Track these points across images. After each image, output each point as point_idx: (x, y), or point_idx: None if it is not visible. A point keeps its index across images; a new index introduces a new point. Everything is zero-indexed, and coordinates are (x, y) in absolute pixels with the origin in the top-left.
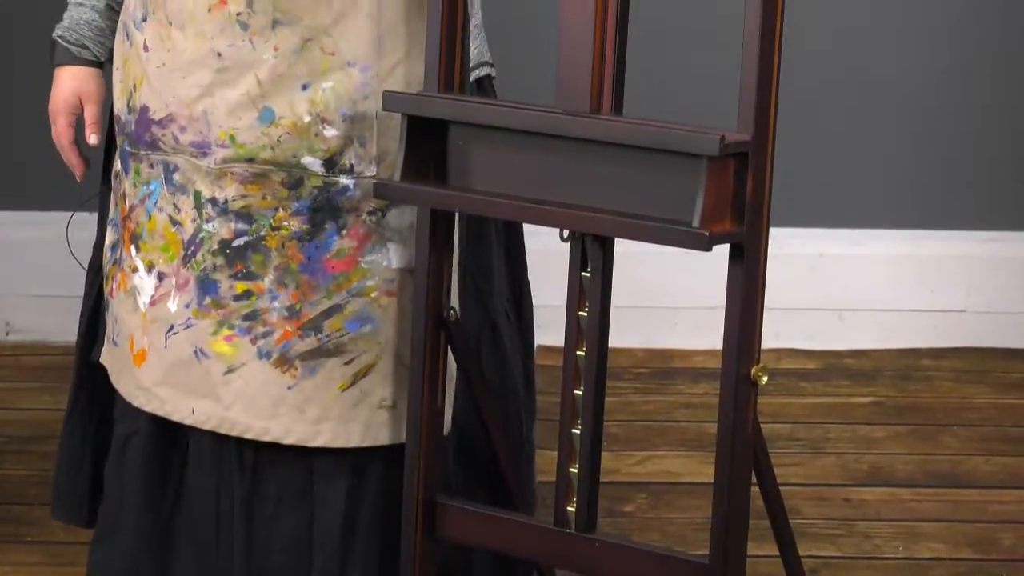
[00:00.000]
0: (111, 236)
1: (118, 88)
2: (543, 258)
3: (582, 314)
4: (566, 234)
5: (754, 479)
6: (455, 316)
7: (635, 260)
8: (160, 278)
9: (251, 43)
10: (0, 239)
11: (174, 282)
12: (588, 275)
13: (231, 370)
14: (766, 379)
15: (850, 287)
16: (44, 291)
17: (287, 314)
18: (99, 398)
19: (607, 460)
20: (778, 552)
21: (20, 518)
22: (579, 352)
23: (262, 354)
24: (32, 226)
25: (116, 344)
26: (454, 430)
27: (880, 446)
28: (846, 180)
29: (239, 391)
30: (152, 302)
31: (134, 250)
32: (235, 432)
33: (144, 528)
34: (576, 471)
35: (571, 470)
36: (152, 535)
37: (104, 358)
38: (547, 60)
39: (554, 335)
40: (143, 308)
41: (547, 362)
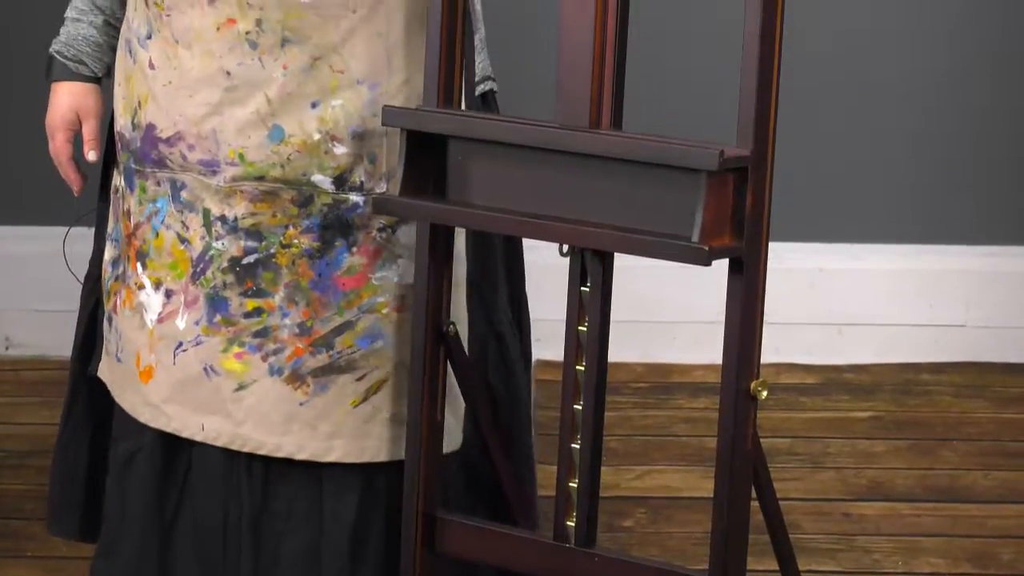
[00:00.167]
0: (111, 252)
1: (120, 104)
2: (542, 273)
3: (582, 329)
4: (565, 249)
5: (754, 494)
6: (454, 330)
7: (635, 274)
8: (168, 295)
9: (260, 62)
10: (0, 253)
11: (183, 299)
12: (588, 290)
13: (242, 387)
14: (766, 394)
15: (850, 302)
16: (43, 306)
17: (298, 331)
18: (94, 411)
19: (606, 475)
20: (778, 567)
21: (19, 533)
22: (579, 367)
23: (273, 371)
24: (31, 241)
25: (120, 360)
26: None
27: (879, 461)
28: (845, 195)
29: (250, 408)
30: (160, 319)
31: (140, 267)
32: (247, 448)
33: (147, 543)
34: (575, 486)
35: (571, 485)
36: (155, 550)
37: (103, 373)
38: (547, 74)
39: (554, 350)
40: (150, 325)
41: (546, 377)
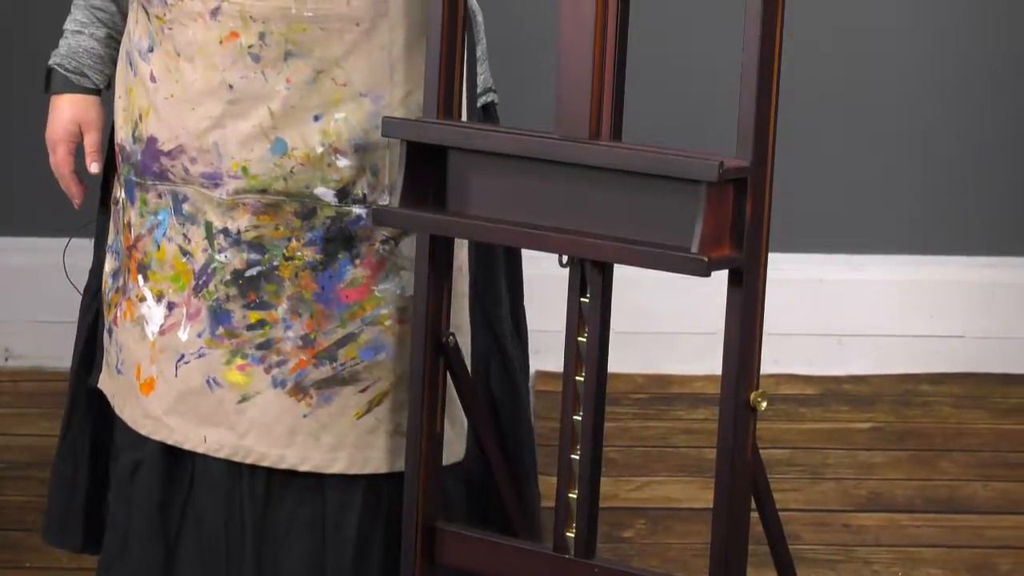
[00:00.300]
0: (111, 264)
1: (121, 116)
2: (542, 283)
3: (581, 339)
4: (565, 259)
5: (753, 504)
6: (454, 342)
7: (634, 285)
8: (170, 308)
9: (263, 75)
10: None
11: (185, 312)
12: (587, 300)
13: (245, 399)
14: (765, 404)
15: (849, 312)
16: (43, 317)
17: (301, 343)
18: (94, 423)
19: (606, 485)
20: None
21: (19, 544)
22: (578, 377)
23: (276, 383)
24: (31, 252)
25: (120, 372)
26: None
27: (879, 471)
28: (845, 206)
29: (254, 419)
30: (161, 331)
31: (142, 280)
32: (250, 460)
33: (151, 555)
34: (575, 496)
35: (570, 495)
36: (159, 562)
37: (103, 384)
38: (547, 86)
39: (553, 361)
40: (151, 337)
41: (546, 387)
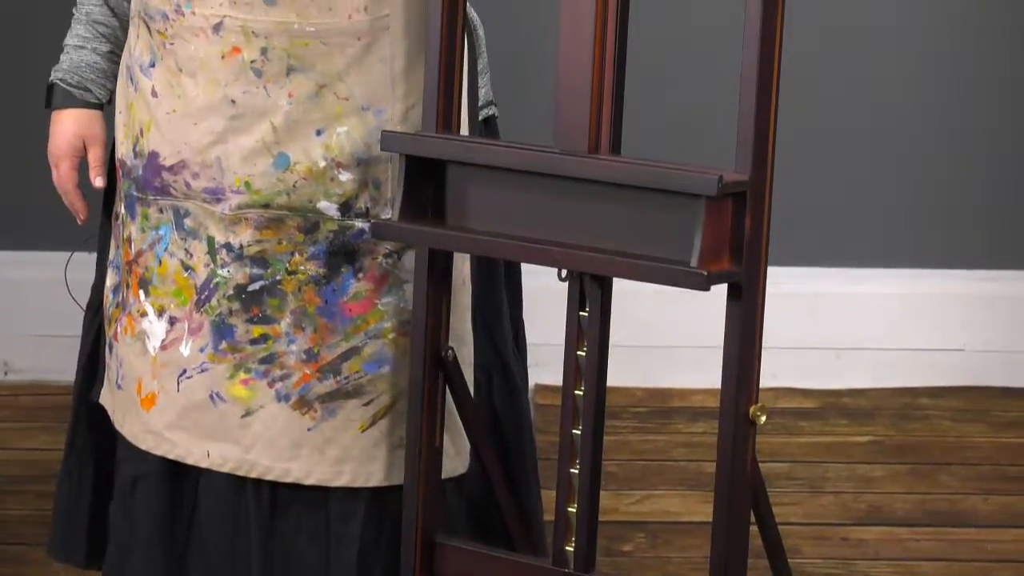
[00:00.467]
0: (112, 278)
1: (122, 131)
2: (541, 297)
3: (580, 353)
4: (564, 273)
5: (753, 518)
6: (453, 356)
7: (633, 299)
8: (172, 323)
9: (265, 90)
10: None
11: (187, 326)
12: (587, 314)
13: (249, 413)
14: (764, 418)
15: (848, 326)
16: (43, 331)
17: (305, 357)
18: (98, 438)
19: (605, 499)
20: None
21: (20, 558)
22: (577, 391)
23: (280, 397)
24: (31, 266)
25: (120, 387)
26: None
27: (878, 485)
28: (844, 220)
29: (258, 433)
30: (163, 346)
31: (143, 295)
32: (254, 474)
33: (156, 568)
34: (574, 510)
35: (569, 509)
36: (164, 574)
37: (104, 399)
38: (546, 99)
39: (552, 374)
40: (153, 352)
41: (545, 401)
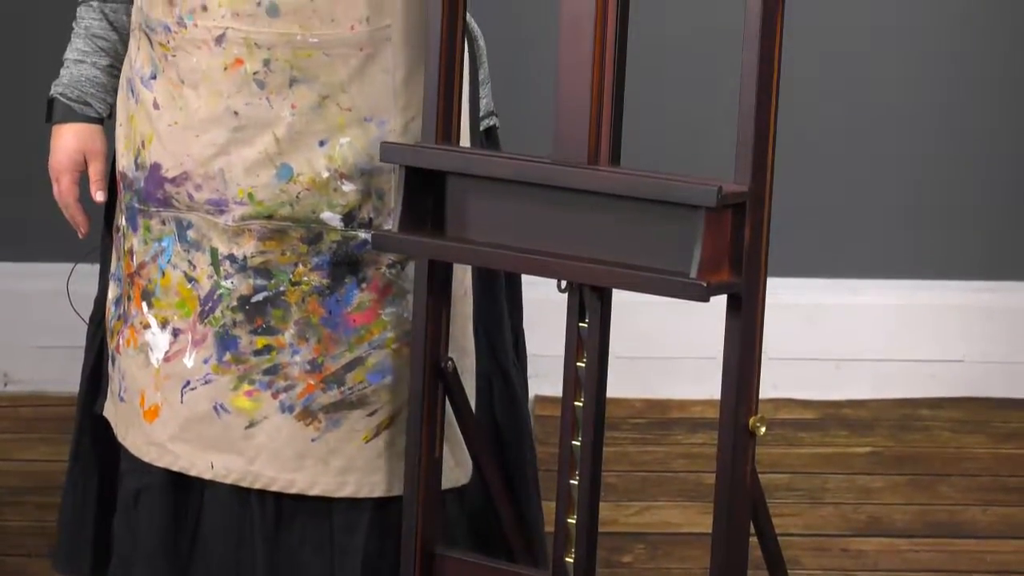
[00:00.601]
0: (114, 291)
1: (122, 144)
2: (541, 308)
3: (580, 364)
4: (564, 284)
5: (752, 529)
6: (452, 367)
7: (633, 310)
8: (175, 334)
9: (268, 101)
10: (1, 289)
11: (190, 338)
12: (586, 325)
13: (253, 424)
14: (764, 429)
15: (847, 337)
16: (43, 342)
17: (309, 368)
18: (102, 450)
19: (605, 510)
20: None
21: (19, 570)
22: (577, 402)
23: (284, 408)
24: (31, 277)
25: (123, 400)
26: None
27: (878, 496)
28: (843, 230)
29: (262, 445)
30: (166, 358)
31: (146, 307)
32: (258, 485)
33: None
34: (574, 521)
35: (569, 521)
36: None
37: (107, 412)
38: (546, 110)
39: (552, 385)
40: (156, 364)
41: (545, 412)
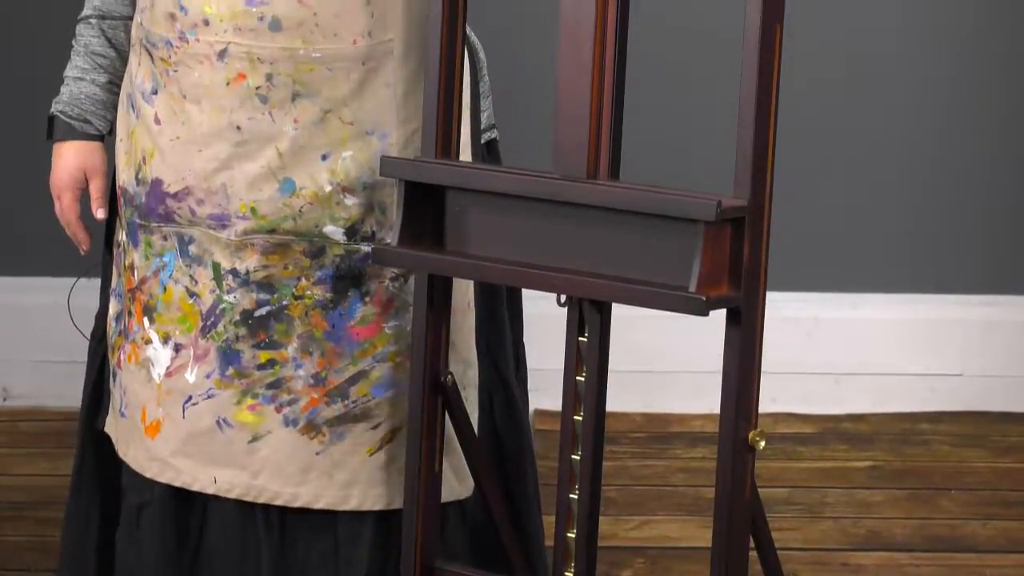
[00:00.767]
0: (114, 307)
1: (123, 159)
2: (540, 322)
3: (579, 379)
4: (563, 299)
5: (752, 544)
6: (452, 381)
7: (632, 324)
8: (177, 349)
9: (271, 116)
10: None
11: (192, 353)
12: (585, 339)
13: (256, 438)
14: (764, 443)
15: (847, 351)
16: (43, 357)
17: (312, 381)
18: (104, 466)
19: (604, 525)
20: None
21: None
22: (577, 416)
23: (288, 421)
24: (31, 291)
25: (124, 415)
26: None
27: (878, 510)
28: (843, 244)
29: (265, 459)
30: (168, 373)
31: (147, 322)
32: (262, 499)
33: None
34: (574, 536)
35: (569, 535)
36: None
37: (109, 428)
38: (546, 123)
39: (552, 399)
40: (158, 380)
41: (544, 426)
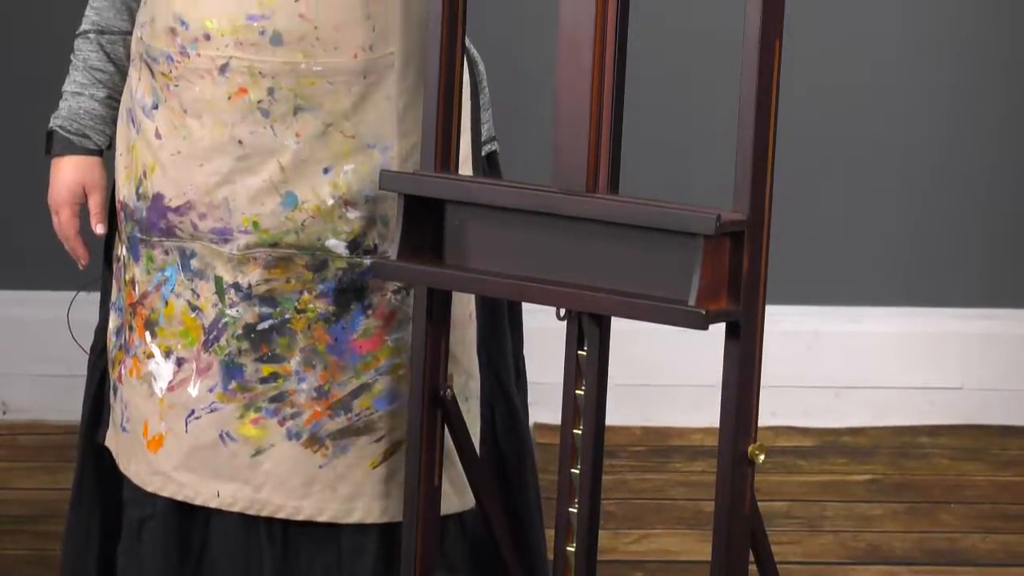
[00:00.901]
0: (115, 321)
1: (123, 174)
2: (540, 336)
3: (579, 392)
4: (562, 312)
5: (751, 558)
6: (451, 395)
7: (632, 338)
8: (179, 363)
9: (272, 130)
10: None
11: (194, 367)
12: (585, 353)
13: (259, 452)
14: (763, 457)
15: (847, 365)
16: (42, 370)
17: (315, 395)
18: (105, 480)
19: (604, 539)
20: None
21: None
22: (576, 430)
23: (291, 435)
24: (31, 305)
25: (126, 430)
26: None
27: (877, 524)
28: (842, 258)
29: (268, 472)
30: (170, 387)
31: (149, 336)
32: (266, 512)
33: None
34: (573, 550)
35: (568, 549)
36: None
37: (109, 442)
38: (546, 133)
39: (551, 413)
40: (159, 394)
41: (544, 440)
